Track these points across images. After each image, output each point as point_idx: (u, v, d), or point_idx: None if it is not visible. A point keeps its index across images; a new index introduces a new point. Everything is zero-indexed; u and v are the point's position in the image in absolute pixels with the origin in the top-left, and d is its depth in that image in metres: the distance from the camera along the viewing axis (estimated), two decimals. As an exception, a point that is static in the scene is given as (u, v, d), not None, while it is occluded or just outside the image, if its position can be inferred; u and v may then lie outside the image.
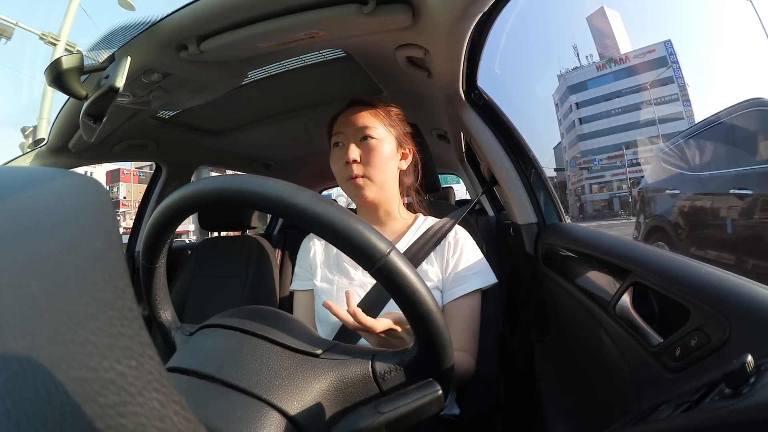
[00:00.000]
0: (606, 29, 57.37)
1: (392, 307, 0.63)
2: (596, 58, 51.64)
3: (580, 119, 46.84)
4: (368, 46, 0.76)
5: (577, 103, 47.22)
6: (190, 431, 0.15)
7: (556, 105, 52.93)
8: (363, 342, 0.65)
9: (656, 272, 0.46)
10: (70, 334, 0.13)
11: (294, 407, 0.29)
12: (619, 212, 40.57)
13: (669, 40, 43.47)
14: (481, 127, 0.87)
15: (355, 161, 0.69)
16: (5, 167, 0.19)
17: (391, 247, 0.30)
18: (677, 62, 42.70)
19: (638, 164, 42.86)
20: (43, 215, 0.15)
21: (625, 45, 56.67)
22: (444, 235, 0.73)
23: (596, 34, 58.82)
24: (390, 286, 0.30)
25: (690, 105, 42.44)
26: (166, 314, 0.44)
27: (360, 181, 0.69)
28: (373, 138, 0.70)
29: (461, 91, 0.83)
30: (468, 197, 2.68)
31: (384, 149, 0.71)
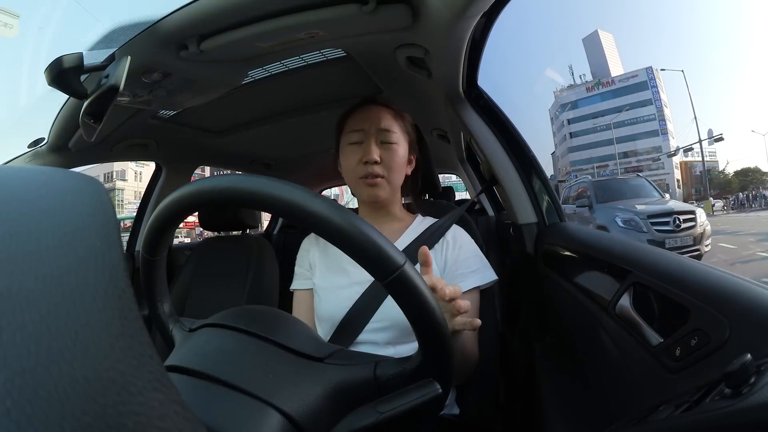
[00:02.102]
0: (599, 50, 62.85)
1: (388, 305, 0.64)
2: (589, 77, 57.53)
3: (570, 134, 52.31)
4: (368, 46, 0.75)
5: (568, 120, 52.78)
6: (190, 431, 0.15)
7: (552, 119, 58.42)
8: (361, 340, 0.65)
9: (656, 272, 0.46)
10: (70, 334, 0.13)
11: (295, 409, 0.29)
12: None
13: (650, 67, 48.16)
14: (481, 127, 0.87)
15: (376, 162, 0.69)
16: (5, 167, 0.19)
17: (404, 260, 0.30)
18: (656, 86, 47.34)
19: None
20: (43, 215, 0.15)
21: (616, 65, 62.57)
22: (442, 234, 0.73)
23: (590, 55, 64.24)
24: (401, 298, 0.31)
25: (666, 124, 47.26)
26: (164, 307, 0.44)
27: (378, 181, 0.70)
28: (393, 141, 0.71)
29: (461, 90, 0.83)
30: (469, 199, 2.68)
31: (402, 152, 0.72)
